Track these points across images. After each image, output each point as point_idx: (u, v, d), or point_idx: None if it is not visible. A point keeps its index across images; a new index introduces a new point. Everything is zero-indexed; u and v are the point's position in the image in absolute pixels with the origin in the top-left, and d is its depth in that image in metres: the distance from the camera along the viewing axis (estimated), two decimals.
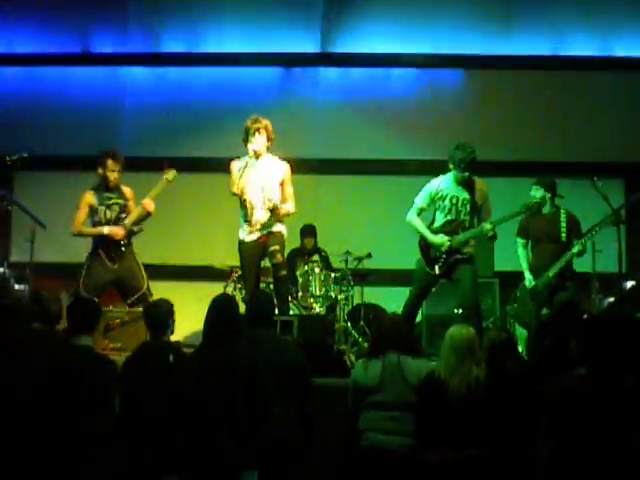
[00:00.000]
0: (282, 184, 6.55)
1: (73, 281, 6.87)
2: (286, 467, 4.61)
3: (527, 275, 6.99)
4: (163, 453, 4.46)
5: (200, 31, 9.57)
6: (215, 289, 7.74)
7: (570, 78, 9.53)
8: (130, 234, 6.85)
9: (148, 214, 6.87)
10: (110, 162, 6.83)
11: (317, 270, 7.86)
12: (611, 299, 7.42)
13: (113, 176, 6.81)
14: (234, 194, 6.51)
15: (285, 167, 6.59)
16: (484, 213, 6.38)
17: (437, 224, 6.45)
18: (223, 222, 7.37)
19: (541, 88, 9.52)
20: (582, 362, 4.15)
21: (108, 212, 6.80)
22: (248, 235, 6.55)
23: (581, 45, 9.45)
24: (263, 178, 6.50)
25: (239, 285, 7.90)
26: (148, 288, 6.92)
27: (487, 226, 6.21)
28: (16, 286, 7.39)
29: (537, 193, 6.98)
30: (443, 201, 6.39)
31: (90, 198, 6.81)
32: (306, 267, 7.91)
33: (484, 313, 7.72)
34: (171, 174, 6.96)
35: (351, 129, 9.50)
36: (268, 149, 6.60)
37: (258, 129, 6.47)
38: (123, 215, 6.83)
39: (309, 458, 4.88)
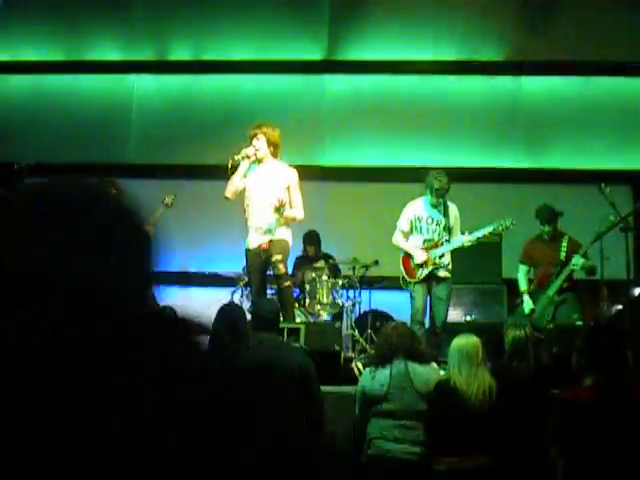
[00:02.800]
0: (288, 190, 6.50)
1: None
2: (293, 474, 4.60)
3: (525, 298, 7.06)
4: None
5: (206, 39, 9.58)
6: (223, 296, 7.75)
7: (576, 83, 9.50)
8: None
9: None
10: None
11: (324, 277, 7.84)
12: (619, 306, 7.39)
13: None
14: (226, 198, 6.55)
15: (292, 173, 6.55)
16: (455, 233, 6.87)
17: (415, 244, 6.88)
18: (230, 229, 7.35)
19: (548, 93, 9.50)
20: (587, 371, 4.14)
21: None
22: (251, 241, 6.52)
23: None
24: (265, 183, 6.46)
25: (246, 292, 7.88)
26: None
27: (464, 238, 6.75)
28: None
29: (547, 228, 7.06)
30: (419, 222, 6.87)
31: None
32: (313, 274, 7.89)
33: (492, 320, 7.75)
34: (170, 199, 7.04)
35: (357, 136, 9.49)
36: (273, 155, 6.58)
37: (256, 134, 6.48)
38: None
39: (316, 465, 4.86)
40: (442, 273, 6.77)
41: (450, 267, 6.82)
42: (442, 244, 6.78)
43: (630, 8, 9.14)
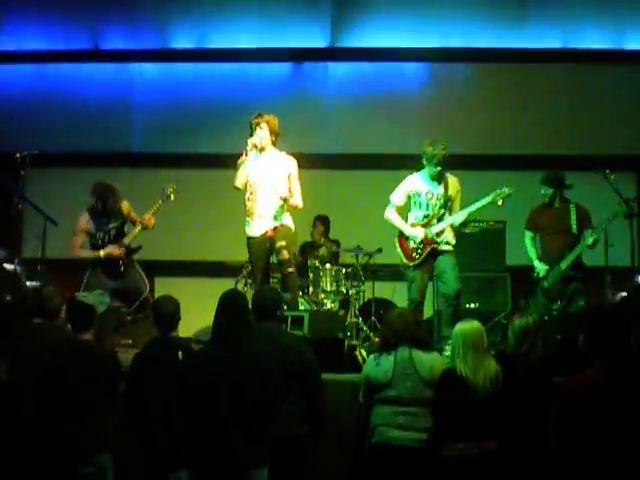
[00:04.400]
0: (289, 179, 6.56)
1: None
2: (297, 463, 4.61)
3: (537, 264, 7.00)
4: (172, 449, 4.48)
5: (209, 27, 9.54)
6: (226, 285, 7.74)
7: (581, 71, 9.47)
8: (129, 252, 6.93)
9: (147, 228, 6.95)
10: (111, 197, 6.89)
11: (328, 265, 7.86)
12: (624, 293, 7.37)
13: (111, 203, 6.85)
14: (236, 188, 6.56)
15: (292, 162, 6.61)
16: (456, 206, 6.68)
17: (413, 219, 6.73)
18: (234, 218, 7.34)
19: (552, 82, 9.47)
20: (591, 356, 4.14)
21: (106, 237, 6.89)
22: (253, 229, 6.54)
23: (592, 38, 9.38)
24: (268, 171, 6.51)
25: (249, 281, 7.90)
26: (150, 292, 6.99)
27: (457, 217, 6.57)
28: (28, 283, 7.40)
29: (546, 192, 7.00)
30: (419, 197, 6.69)
31: (87, 225, 6.92)
32: (317, 262, 7.91)
33: (496, 307, 7.74)
34: (170, 190, 7.03)
35: (362, 124, 9.47)
36: (274, 144, 6.62)
37: (258, 123, 6.53)
38: (121, 235, 6.91)
39: (321, 453, 4.88)
40: (443, 247, 6.61)
41: (453, 242, 6.65)
42: (441, 219, 6.61)
43: None
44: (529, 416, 4.56)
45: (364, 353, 6.61)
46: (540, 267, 6.96)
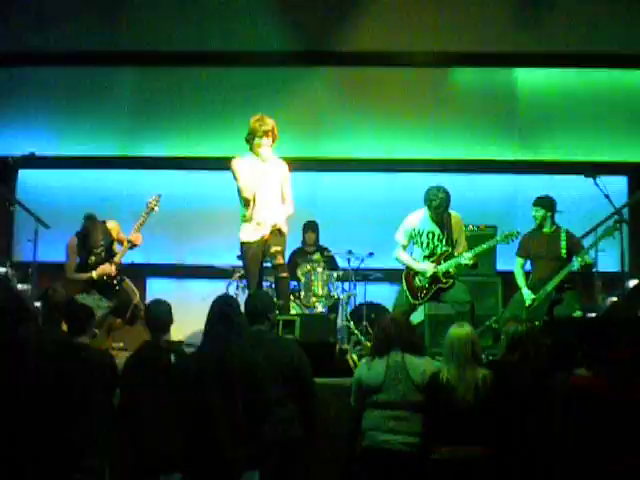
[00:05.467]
0: (282, 184, 6.55)
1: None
2: (288, 466, 4.62)
3: (525, 292, 7.06)
4: (164, 452, 4.48)
5: (203, 29, 9.52)
6: (218, 289, 7.76)
7: (572, 75, 9.50)
8: (121, 270, 6.94)
9: (135, 246, 6.98)
10: (96, 228, 6.90)
11: (319, 269, 7.87)
12: (614, 298, 7.41)
13: (98, 239, 6.89)
14: (246, 199, 6.46)
15: (285, 167, 6.61)
16: (459, 246, 6.70)
17: (416, 259, 6.76)
18: (226, 221, 7.36)
19: (542, 86, 9.50)
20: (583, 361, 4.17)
21: (97, 259, 6.91)
22: (250, 234, 6.52)
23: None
24: (269, 177, 6.49)
25: (241, 285, 7.90)
26: (140, 299, 7.01)
27: (467, 255, 6.56)
28: (19, 286, 7.40)
29: (538, 213, 7.10)
30: (420, 237, 6.71)
31: (77, 248, 6.96)
32: (308, 266, 7.91)
33: (487, 312, 7.77)
34: (154, 202, 7.03)
35: (354, 128, 9.47)
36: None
37: (266, 132, 6.43)
38: (111, 254, 6.95)
39: (311, 457, 4.89)
40: (448, 285, 6.65)
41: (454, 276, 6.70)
42: (448, 258, 6.63)
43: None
44: (520, 422, 4.58)
45: (355, 357, 6.62)
46: (527, 296, 7.03)
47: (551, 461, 4.34)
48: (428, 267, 6.62)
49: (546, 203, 7.10)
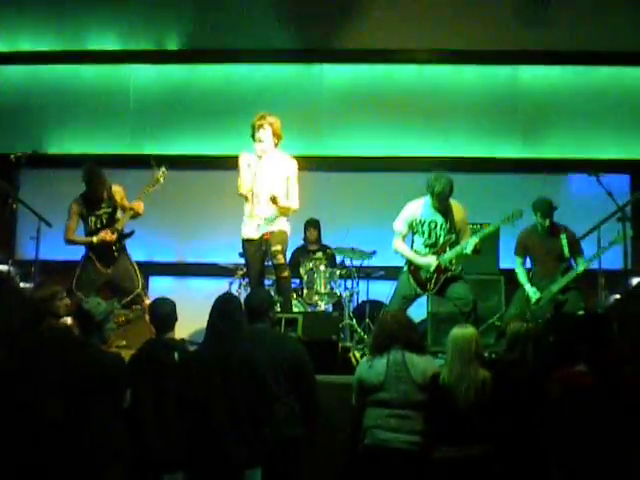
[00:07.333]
0: (287, 180, 6.56)
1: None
2: (289, 464, 4.62)
3: (529, 288, 7.02)
4: (167, 450, 4.48)
5: (203, 27, 9.51)
6: (221, 287, 7.78)
7: (575, 76, 9.49)
8: (122, 237, 6.91)
9: (138, 214, 6.93)
10: (97, 178, 6.86)
11: (322, 267, 7.87)
12: (617, 296, 7.41)
13: (100, 191, 6.83)
14: (241, 194, 6.50)
15: (292, 164, 6.63)
16: (462, 236, 6.50)
17: (416, 248, 6.59)
18: (228, 219, 7.35)
19: (545, 85, 9.48)
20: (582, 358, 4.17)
21: (98, 222, 6.87)
22: (251, 231, 6.53)
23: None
24: (269, 174, 6.50)
25: (244, 283, 7.91)
26: (143, 289, 6.98)
27: (471, 240, 6.34)
28: (21, 284, 7.40)
29: (544, 222, 7.03)
30: (422, 226, 6.52)
31: (79, 208, 6.88)
32: (311, 264, 7.91)
33: (490, 310, 7.76)
34: (161, 173, 6.98)
35: (355, 126, 9.46)
36: (276, 146, 6.61)
37: (262, 125, 6.49)
38: (113, 221, 6.88)
39: (313, 455, 4.89)
40: (457, 273, 6.51)
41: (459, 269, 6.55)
42: (452, 246, 6.46)
43: None
44: (519, 422, 4.58)
45: (357, 355, 6.62)
46: (533, 293, 6.99)
47: (549, 459, 4.33)
48: (431, 261, 6.47)
49: (546, 209, 6.99)
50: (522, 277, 7.16)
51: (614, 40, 9.15)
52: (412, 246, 6.64)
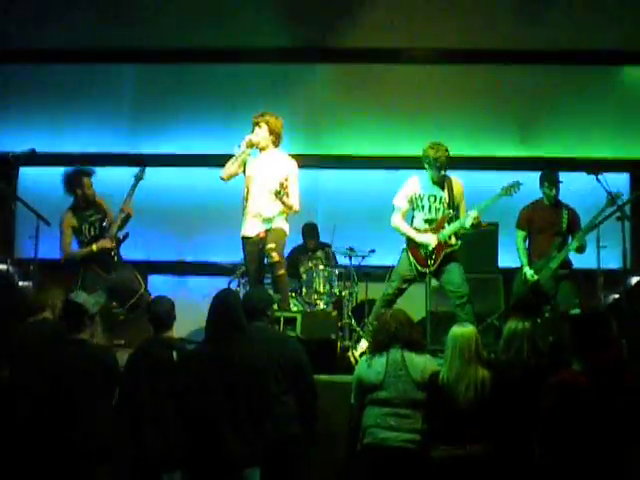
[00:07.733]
0: (287, 181, 6.51)
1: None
2: (289, 464, 4.62)
3: (527, 270, 7.03)
4: (165, 449, 4.48)
5: (202, 26, 9.50)
6: (220, 285, 7.75)
7: (573, 74, 9.48)
8: (119, 242, 6.94)
9: (129, 216, 6.97)
10: (86, 180, 6.91)
11: (321, 267, 7.86)
12: (616, 295, 7.41)
13: (90, 193, 6.88)
14: (221, 178, 6.56)
15: (292, 164, 6.63)
16: (461, 210, 6.52)
17: (416, 224, 6.59)
18: (228, 218, 7.36)
19: (545, 83, 9.48)
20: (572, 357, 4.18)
21: (92, 229, 6.89)
22: (248, 229, 6.54)
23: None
24: (266, 171, 6.51)
25: (243, 282, 7.90)
26: (146, 290, 6.99)
27: (471, 213, 6.34)
28: (20, 283, 7.41)
29: (551, 191, 7.10)
30: (421, 201, 6.53)
31: (71, 220, 6.94)
32: (310, 264, 7.91)
33: (488, 309, 7.75)
34: (140, 173, 7.06)
35: (354, 124, 9.46)
36: (275, 144, 6.61)
37: (258, 122, 6.54)
38: (106, 226, 6.91)
39: (312, 454, 4.89)
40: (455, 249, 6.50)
41: (458, 243, 6.54)
42: (451, 220, 6.47)
43: None
44: (516, 421, 4.57)
45: (356, 354, 6.62)
46: (530, 276, 7.00)
47: (546, 458, 4.33)
48: (430, 239, 6.46)
49: (553, 178, 7.08)
50: (522, 254, 7.16)
51: (614, 39, 9.15)
52: (412, 223, 6.63)
